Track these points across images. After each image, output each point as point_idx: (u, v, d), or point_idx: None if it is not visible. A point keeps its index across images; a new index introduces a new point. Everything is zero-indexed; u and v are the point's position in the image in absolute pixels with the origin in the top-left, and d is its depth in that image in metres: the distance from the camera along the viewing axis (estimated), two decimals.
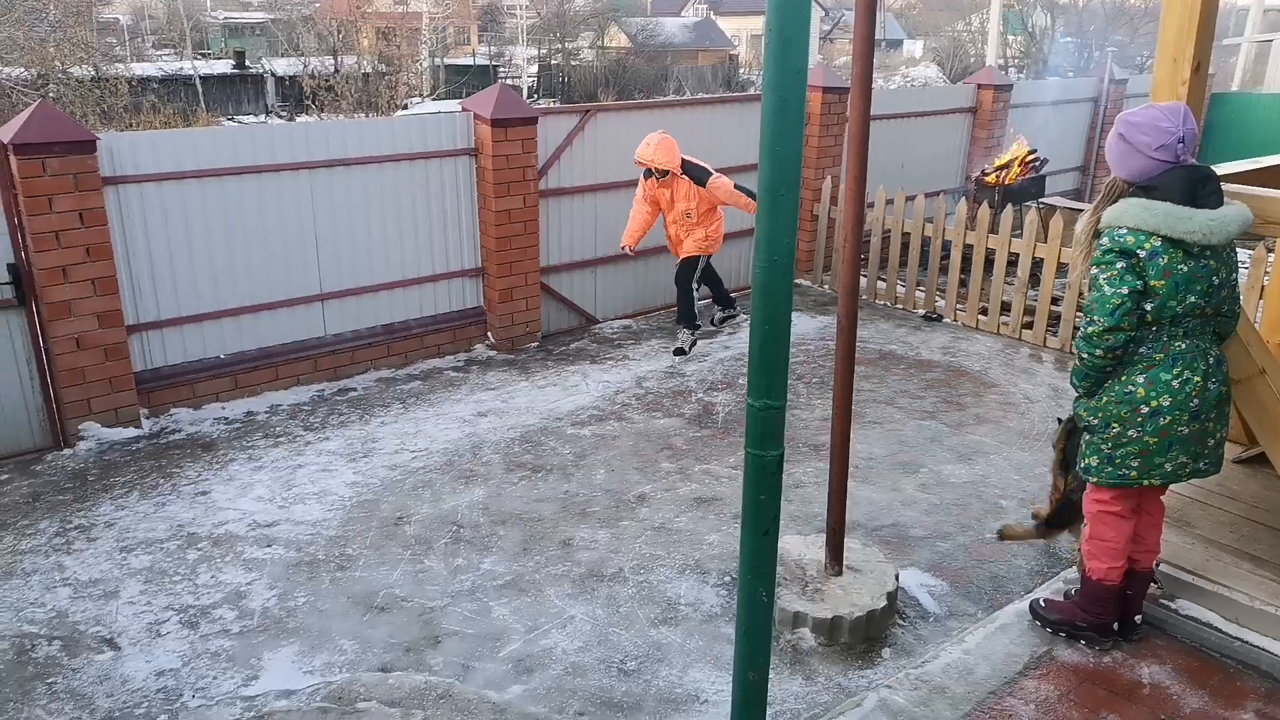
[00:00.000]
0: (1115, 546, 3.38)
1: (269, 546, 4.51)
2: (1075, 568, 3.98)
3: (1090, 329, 3.10)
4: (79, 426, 5.51)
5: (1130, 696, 3.26)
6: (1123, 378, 3.16)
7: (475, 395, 6.33)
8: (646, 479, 5.21)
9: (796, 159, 1.88)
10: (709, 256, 7.13)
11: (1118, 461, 3.22)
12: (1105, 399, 3.21)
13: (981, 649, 3.49)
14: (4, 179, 5.09)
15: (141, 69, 25.85)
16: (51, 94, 18.09)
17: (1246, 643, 3.37)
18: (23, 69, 18.59)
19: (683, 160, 6.71)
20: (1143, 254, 3.00)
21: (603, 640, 3.86)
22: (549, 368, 6.88)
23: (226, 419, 5.89)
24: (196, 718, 3.41)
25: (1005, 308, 7.74)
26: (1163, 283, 3.01)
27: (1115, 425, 3.19)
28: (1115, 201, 3.14)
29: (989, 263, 7.68)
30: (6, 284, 5.20)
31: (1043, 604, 3.66)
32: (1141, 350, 3.12)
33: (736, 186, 6.83)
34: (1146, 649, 3.49)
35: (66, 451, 5.45)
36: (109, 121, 19.18)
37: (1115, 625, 3.51)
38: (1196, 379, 3.10)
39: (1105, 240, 3.08)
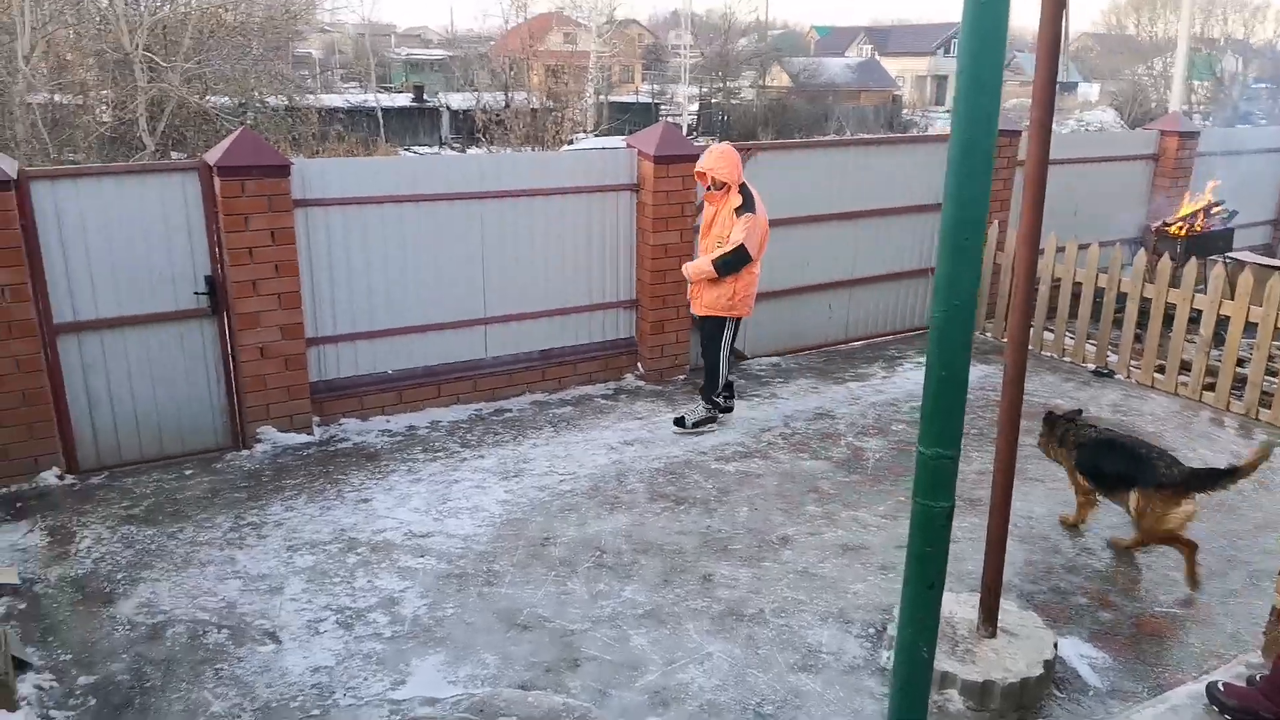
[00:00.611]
0: None
1: (422, 556, 4.68)
2: (1260, 652, 3.66)
3: None
4: (257, 430, 5.89)
5: None
6: None
7: (623, 423, 6.41)
8: (791, 521, 5.13)
9: (983, 202, 1.83)
10: (738, 321, 6.29)
11: None
12: None
13: None
14: (208, 198, 5.54)
15: (330, 100, 27.71)
16: (249, 121, 19.61)
17: None
18: (227, 98, 20.25)
19: (742, 183, 6.04)
20: None
21: (740, 680, 3.81)
22: (695, 400, 6.87)
23: (390, 431, 6.17)
24: (346, 715, 3.56)
25: (1185, 367, 7.25)
26: None
27: None
28: None
29: (1168, 318, 7.22)
30: (204, 294, 5.64)
31: (1222, 688, 3.38)
32: None
33: (730, 257, 5.91)
34: None
35: (244, 452, 5.83)
36: (298, 148, 20.61)
37: None
38: None
39: None
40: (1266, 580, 4.48)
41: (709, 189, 6.03)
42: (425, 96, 33.27)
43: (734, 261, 5.94)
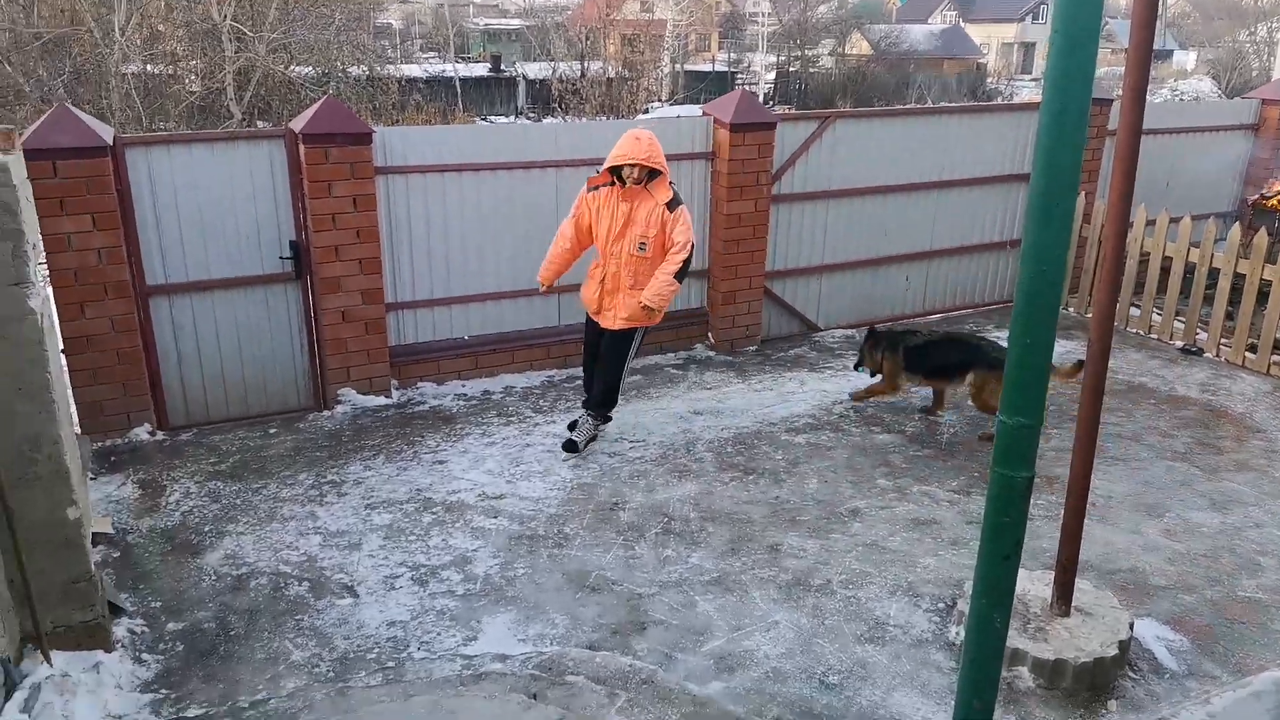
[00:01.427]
0: None
1: (495, 517, 4.77)
2: None
3: None
4: (338, 392, 6.05)
5: None
6: None
7: (692, 393, 6.42)
8: (860, 494, 5.09)
9: (1075, 167, 1.79)
10: (646, 330, 5.52)
11: None
12: None
13: (1230, 714, 3.17)
14: (293, 165, 5.68)
15: (409, 70, 28.03)
16: (332, 90, 19.99)
17: None
18: (310, 68, 20.66)
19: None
20: None
21: (806, 649, 3.82)
22: (766, 372, 6.86)
23: (466, 395, 6.29)
24: (420, 669, 3.67)
25: (1278, 346, 6.96)
26: None
27: None
28: None
29: (1263, 295, 6.93)
30: (288, 258, 5.79)
31: None
32: None
33: (687, 263, 5.14)
34: None
35: (325, 413, 6.00)
36: (378, 116, 20.94)
37: None
38: None
39: None
40: None
41: (621, 183, 5.08)
42: (502, 66, 33.43)
43: (687, 267, 5.14)
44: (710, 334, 7.29)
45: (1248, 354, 7.02)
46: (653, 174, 5.08)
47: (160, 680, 3.61)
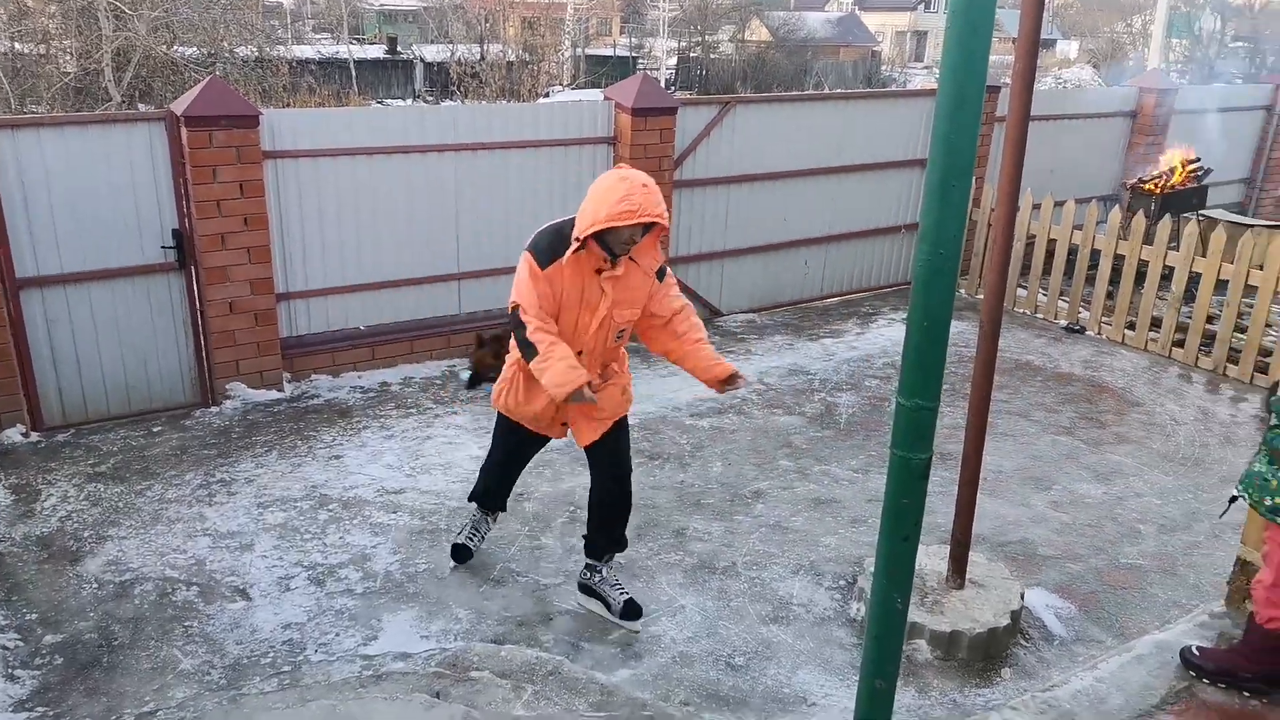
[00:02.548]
0: None
1: (395, 513, 4.66)
2: (1223, 602, 3.73)
3: None
4: (227, 386, 5.82)
5: None
6: None
7: None
8: (763, 475, 5.15)
9: (971, 149, 1.81)
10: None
11: None
12: None
13: (1115, 678, 3.31)
14: (175, 149, 5.41)
15: (300, 51, 27.15)
16: (218, 72, 19.19)
17: None
18: (195, 48, 19.78)
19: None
20: None
21: (712, 632, 3.84)
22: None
23: (362, 388, 6.12)
24: (318, 671, 3.55)
25: (1155, 323, 7.31)
26: None
27: None
28: None
29: (1140, 275, 7.26)
30: (171, 248, 5.53)
31: (1196, 652, 3.39)
32: None
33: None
34: None
35: (214, 409, 5.76)
36: (268, 100, 20.19)
37: None
38: None
39: None
40: (1229, 532, 4.55)
41: (611, 255, 3.41)
42: (398, 48, 32.65)
43: None
44: None
45: (1127, 331, 7.35)
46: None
47: (37, 698, 3.41)
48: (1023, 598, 3.92)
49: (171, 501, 4.72)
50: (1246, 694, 3.24)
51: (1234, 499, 3.21)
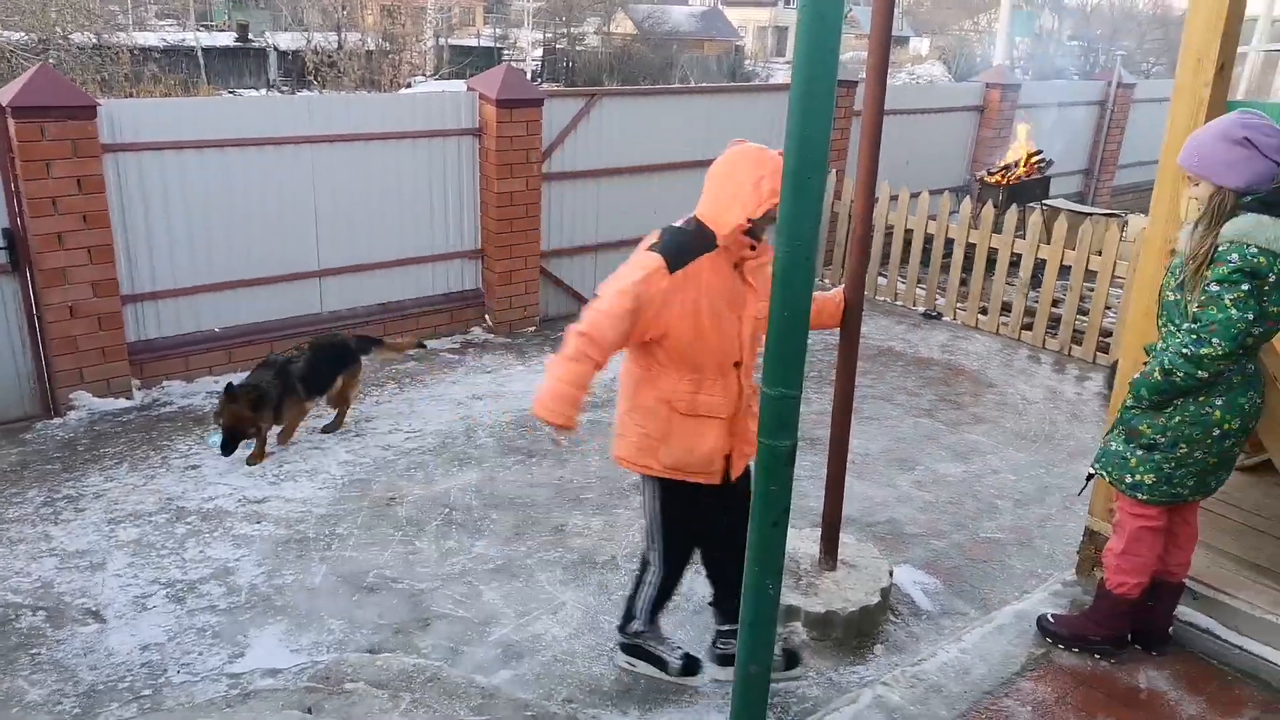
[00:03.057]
0: (1147, 562, 3.30)
1: (258, 523, 4.46)
2: (1075, 570, 3.95)
3: (1205, 350, 2.85)
4: (70, 396, 5.44)
5: (1127, 702, 3.23)
6: (1200, 399, 2.99)
7: (471, 378, 6.28)
8: None
9: (824, 141, 1.83)
10: None
11: (1175, 481, 3.11)
12: (1178, 419, 3.04)
13: (979, 649, 3.46)
14: (2, 143, 5.01)
15: (143, 38, 25.61)
16: (52, 60, 17.91)
17: (1246, 650, 3.34)
18: (23, 34, 18.41)
19: None
20: (1271, 278, 2.82)
21: (594, 627, 3.83)
22: (546, 352, 6.81)
23: (219, 393, 5.81)
24: (181, 693, 3.37)
25: (1006, 308, 7.70)
26: (1277, 309, 2.86)
27: (1184, 446, 3.06)
28: (1229, 217, 2.90)
29: (991, 262, 7.64)
30: (2, 249, 5.12)
31: (1051, 619, 3.58)
32: (1224, 372, 2.96)
33: None
34: (1144, 654, 3.46)
35: (56, 421, 5.38)
36: (109, 90, 18.99)
37: (1129, 636, 3.46)
38: (1259, 400, 3.02)
39: (1234, 258, 2.82)
40: (1079, 504, 4.82)
41: (754, 241, 3.06)
42: (250, 36, 31.24)
43: None
44: (487, 316, 7.15)
45: (980, 316, 7.72)
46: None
47: None
48: (891, 575, 4.05)
49: (12, 521, 4.38)
50: (1097, 656, 3.44)
51: (1090, 477, 3.39)
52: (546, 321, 7.43)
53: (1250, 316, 2.81)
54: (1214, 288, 2.85)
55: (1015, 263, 7.52)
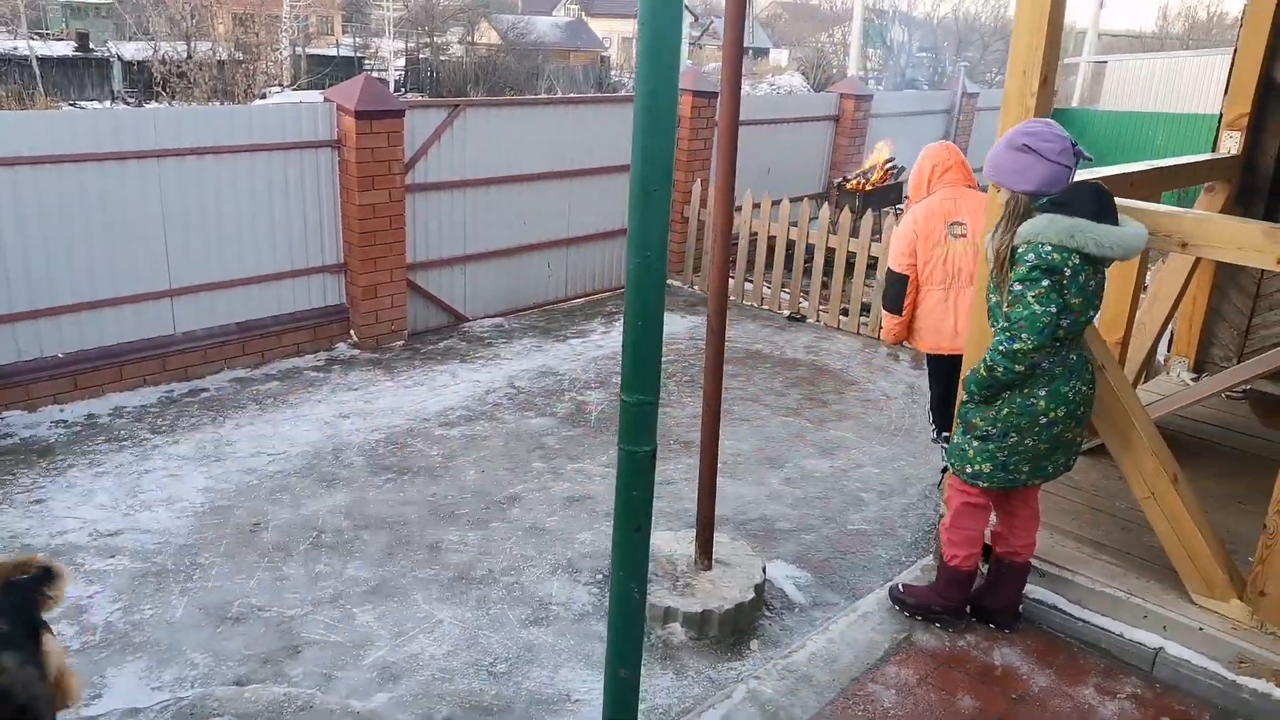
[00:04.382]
0: (975, 535, 3.53)
1: (112, 557, 4.23)
2: (932, 555, 4.15)
3: (1017, 346, 3.05)
4: None
5: (984, 678, 3.42)
6: (1025, 390, 3.18)
7: (337, 396, 6.12)
8: (518, 479, 5.14)
9: (668, 155, 1.88)
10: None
11: (1010, 468, 3.31)
12: (1006, 410, 3.23)
13: (845, 637, 3.59)
14: None
15: None
16: None
17: (1088, 623, 3.58)
18: None
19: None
20: (1068, 271, 3.02)
21: (472, 643, 3.79)
22: (416, 367, 6.71)
23: (65, 422, 5.50)
24: None
25: (865, 309, 8.01)
26: (1080, 300, 3.06)
27: (1014, 435, 3.25)
28: (1024, 219, 3.11)
29: (850, 266, 7.94)
30: None
31: (902, 588, 3.80)
32: (1044, 365, 3.16)
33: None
34: (999, 632, 3.66)
35: None
36: None
37: (967, 609, 3.67)
38: (1084, 388, 3.24)
39: (1030, 257, 3.03)
40: (938, 493, 5.07)
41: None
42: (92, 45, 29.56)
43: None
44: (353, 331, 6.98)
45: (841, 317, 8.01)
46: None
47: None
48: (765, 571, 4.16)
49: None
50: (951, 630, 3.64)
51: (945, 469, 3.58)
52: (415, 335, 7.31)
53: (1054, 310, 3.02)
54: (1017, 287, 3.07)
55: (873, 265, 7.84)
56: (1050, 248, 3.02)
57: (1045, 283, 3.02)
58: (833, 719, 3.19)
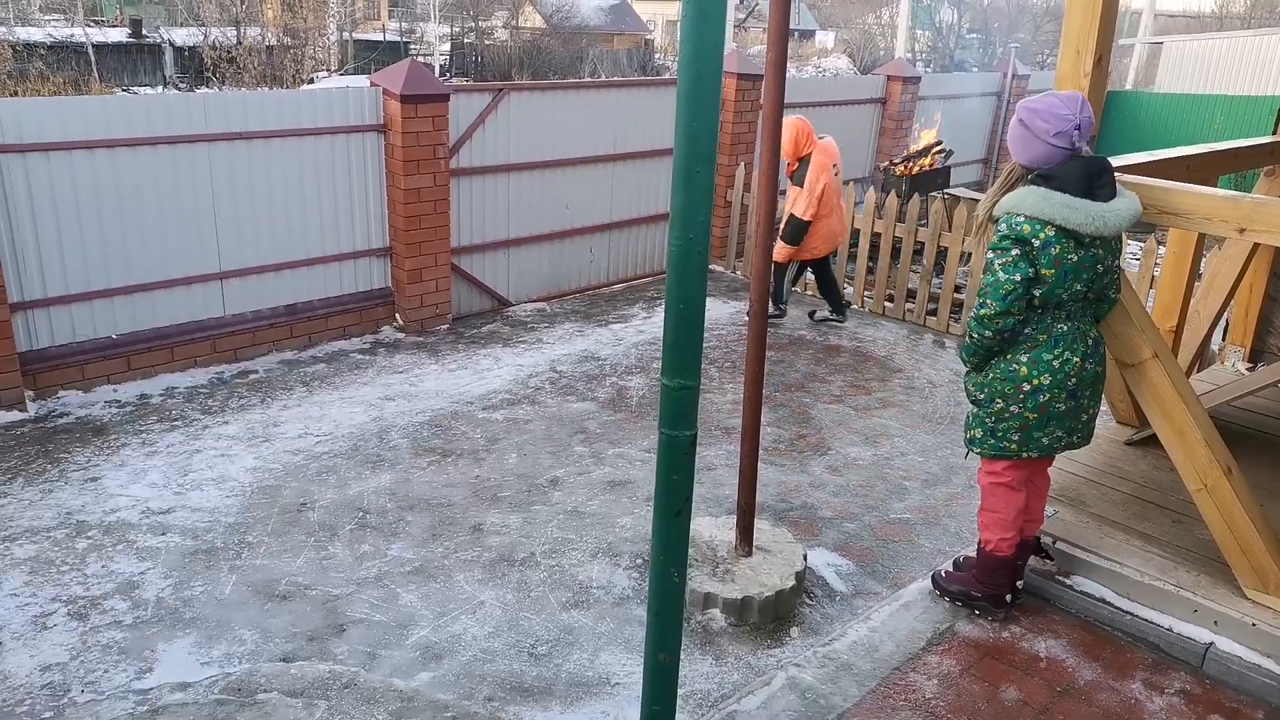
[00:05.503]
0: (1006, 518, 3.48)
1: (163, 534, 4.33)
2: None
3: (982, 311, 3.19)
4: None
5: (1028, 669, 3.37)
6: (1008, 357, 3.27)
7: (382, 378, 6.19)
8: (559, 463, 5.17)
9: (712, 135, 1.86)
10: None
11: (999, 434, 3.35)
12: (991, 376, 3.32)
13: (887, 626, 3.56)
14: None
15: (27, 34, 24.47)
16: None
17: (1136, 616, 3.52)
18: None
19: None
20: (1037, 243, 3.08)
21: (513, 625, 3.82)
22: (459, 351, 6.77)
23: (119, 402, 5.63)
24: (85, 713, 3.25)
25: (911, 295, 7.92)
26: (1053, 271, 3.10)
27: (999, 400, 3.31)
28: (1014, 187, 3.20)
29: (896, 251, 7.84)
30: None
31: (943, 574, 3.77)
32: (1026, 331, 3.22)
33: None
34: (1043, 623, 3.61)
35: None
36: None
37: (1009, 597, 3.63)
38: (1075, 359, 3.23)
39: (1003, 226, 3.14)
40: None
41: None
42: (144, 31, 30.08)
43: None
44: (398, 315, 7.05)
45: (886, 303, 7.92)
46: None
47: None
48: (806, 559, 4.14)
49: None
50: (994, 620, 3.59)
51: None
52: (459, 319, 7.37)
53: (1018, 278, 3.11)
54: (989, 255, 3.19)
55: (919, 251, 7.74)
56: (1023, 218, 3.10)
57: (1015, 252, 3.11)
58: (874, 708, 3.17)
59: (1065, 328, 3.22)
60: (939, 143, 10.11)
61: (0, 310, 5.22)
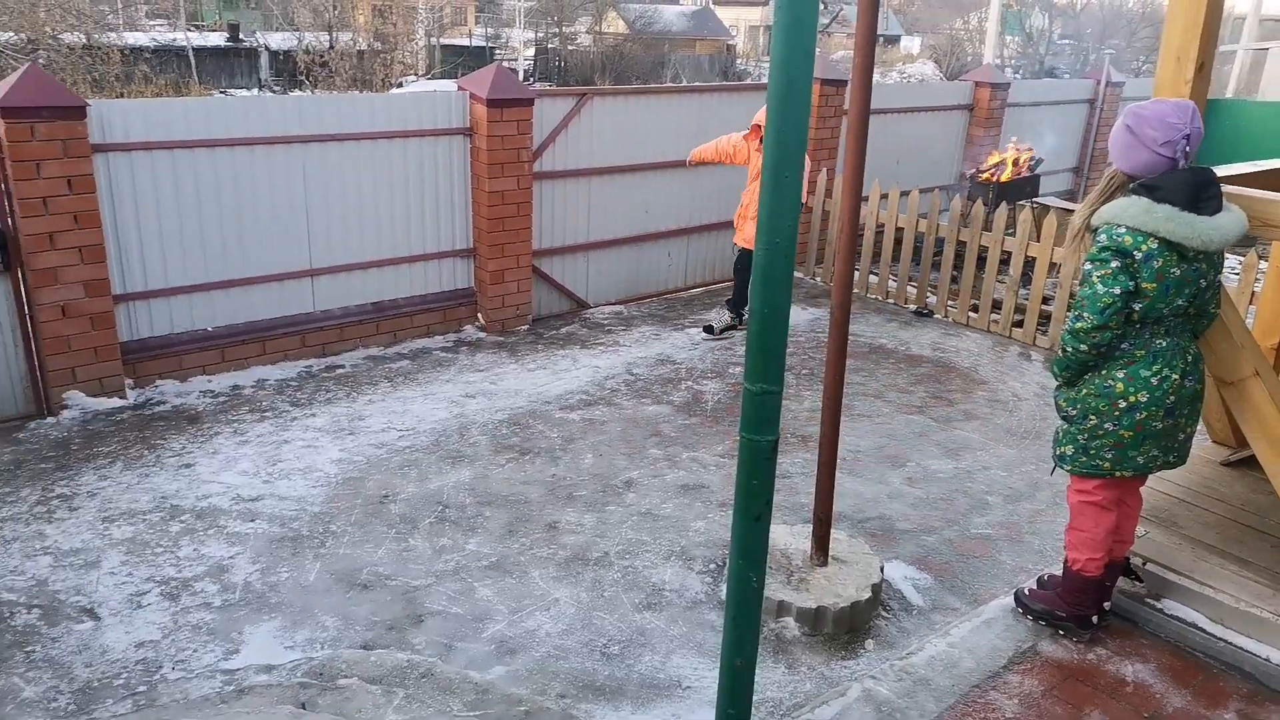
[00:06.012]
0: (1094, 538, 3.38)
1: (252, 521, 4.47)
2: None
3: (1079, 325, 3.07)
4: (63, 395, 5.45)
5: (1114, 693, 3.27)
6: (1103, 372, 3.16)
7: (464, 376, 6.30)
8: (634, 465, 5.19)
9: (801, 141, 1.86)
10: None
11: (1092, 452, 3.24)
12: (1085, 391, 3.21)
13: (966, 642, 3.49)
14: None
15: (134, 38, 25.58)
16: (42, 60, 17.87)
17: (1230, 644, 3.38)
18: (12, 33, 18.36)
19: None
20: (1139, 255, 2.96)
21: (586, 624, 3.85)
22: (539, 351, 6.85)
23: (212, 392, 5.84)
24: (175, 690, 3.38)
25: (996, 305, 7.74)
26: (1154, 285, 2.98)
27: (1093, 417, 3.21)
28: (1114, 196, 3.10)
29: (981, 260, 7.68)
30: None
31: (1027, 592, 3.67)
32: (1124, 346, 3.11)
33: None
34: (1131, 647, 3.50)
35: (50, 420, 5.39)
36: (100, 90, 18.97)
37: (1095, 618, 3.52)
38: (1174, 376, 3.11)
39: (1102, 237, 3.02)
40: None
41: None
42: (241, 36, 31.20)
43: None
44: (480, 315, 7.17)
45: (971, 314, 7.76)
46: None
47: None
48: (883, 571, 4.08)
49: (6, 520, 4.39)
50: (1079, 641, 3.49)
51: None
52: (539, 320, 7.46)
53: (1117, 291, 2.99)
54: (1087, 266, 3.07)
55: (1005, 260, 7.57)
56: (1125, 229, 2.99)
57: (1115, 264, 3.00)
58: None
59: (1164, 343, 3.10)
60: (1028, 150, 9.87)
61: (104, 302, 5.47)
